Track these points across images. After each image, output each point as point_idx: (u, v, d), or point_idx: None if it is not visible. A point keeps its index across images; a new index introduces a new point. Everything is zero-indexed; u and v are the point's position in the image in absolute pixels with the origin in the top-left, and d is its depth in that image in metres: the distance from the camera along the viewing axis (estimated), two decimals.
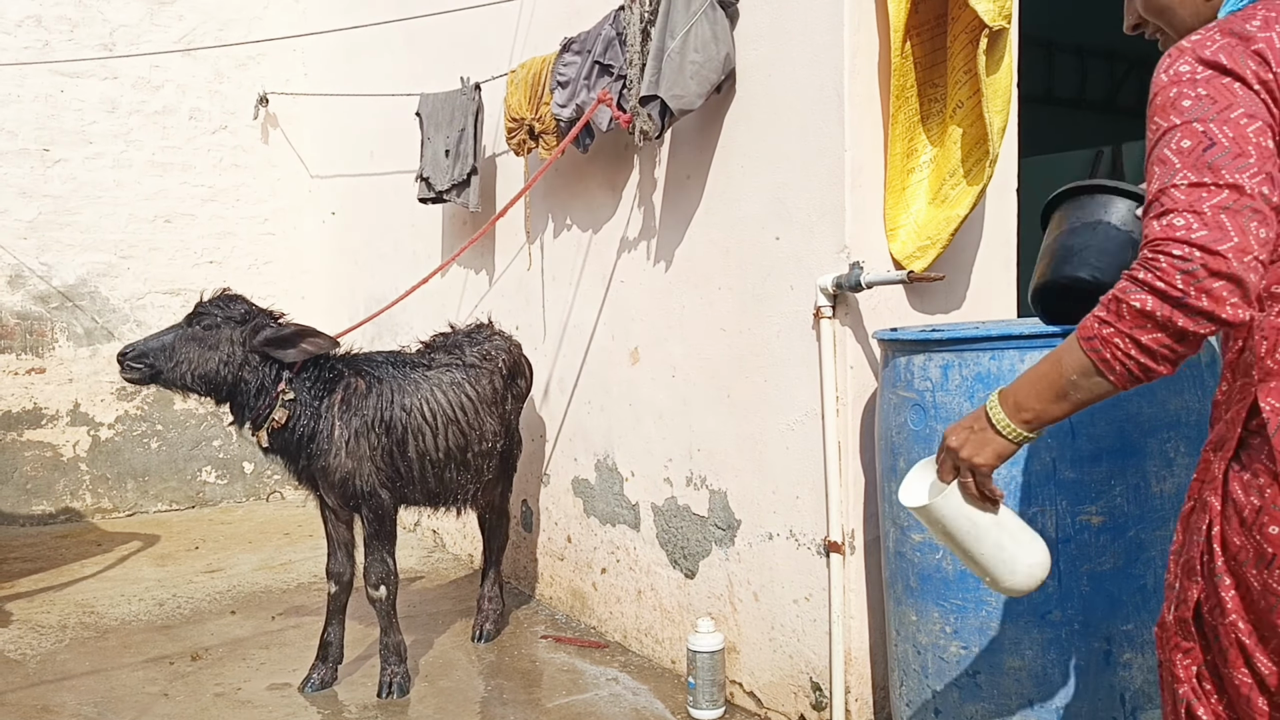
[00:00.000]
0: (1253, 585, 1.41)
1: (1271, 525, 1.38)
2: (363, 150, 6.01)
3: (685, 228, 3.42)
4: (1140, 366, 1.40)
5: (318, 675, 3.50)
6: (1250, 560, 1.40)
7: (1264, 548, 1.39)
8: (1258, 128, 1.35)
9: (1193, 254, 1.32)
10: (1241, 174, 1.33)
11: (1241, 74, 1.38)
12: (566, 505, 4.23)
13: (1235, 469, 1.44)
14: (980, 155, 2.72)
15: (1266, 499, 1.38)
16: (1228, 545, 1.43)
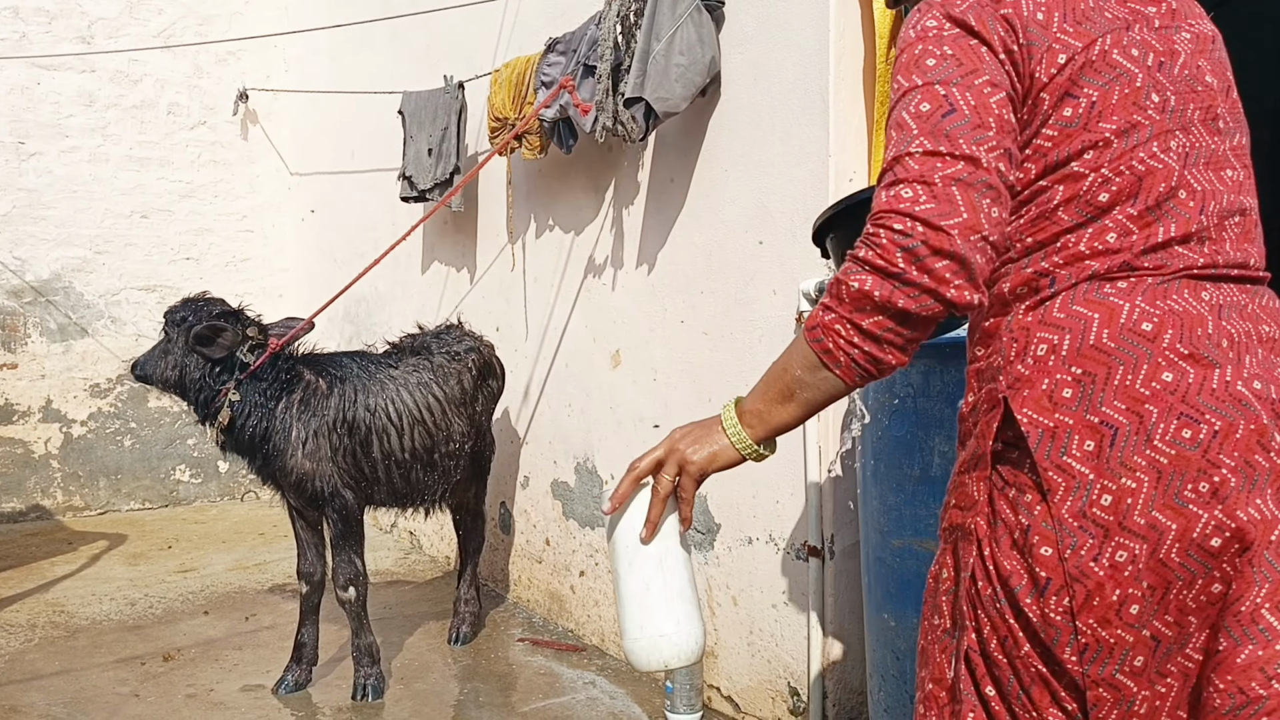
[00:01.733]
0: (1031, 617, 1.24)
1: (1043, 546, 1.22)
2: (344, 148, 5.97)
3: (668, 231, 3.41)
4: (865, 356, 1.24)
5: (291, 677, 3.47)
6: (1024, 588, 1.24)
7: (1037, 572, 1.23)
8: (1001, 99, 1.23)
9: (915, 228, 1.18)
10: (979, 146, 1.20)
11: (989, 38, 1.25)
12: (545, 508, 4.21)
13: (998, 486, 1.28)
14: None
15: (1035, 517, 1.23)
16: (1000, 571, 1.26)
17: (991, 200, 1.19)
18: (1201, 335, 1.22)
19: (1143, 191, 1.25)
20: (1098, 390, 1.22)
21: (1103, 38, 1.27)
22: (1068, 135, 1.26)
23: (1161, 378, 1.20)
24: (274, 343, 3.34)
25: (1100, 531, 1.19)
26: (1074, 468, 1.21)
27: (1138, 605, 1.18)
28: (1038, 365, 1.25)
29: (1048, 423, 1.23)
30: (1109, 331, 1.23)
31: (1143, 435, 1.19)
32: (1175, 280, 1.25)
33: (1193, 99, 1.30)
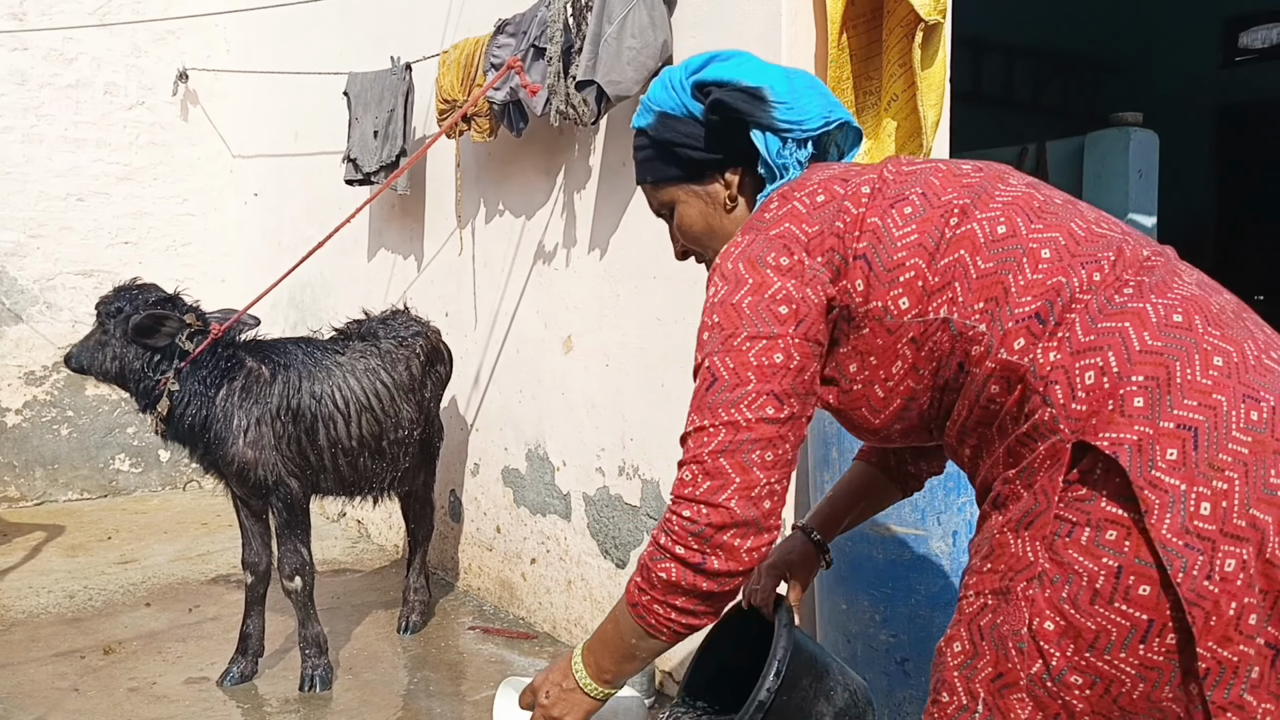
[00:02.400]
0: (1120, 674, 1.15)
1: (1141, 585, 1.13)
2: (287, 130, 5.85)
3: (621, 215, 3.39)
4: (685, 625, 1.38)
5: (237, 668, 3.40)
6: (1116, 642, 1.15)
7: (1138, 617, 1.13)
8: (762, 347, 1.32)
9: (699, 513, 1.31)
10: (736, 407, 1.31)
11: (760, 276, 1.35)
12: (496, 495, 4.18)
13: (1063, 538, 1.18)
14: (914, 149, 2.74)
15: (1126, 555, 1.14)
16: (1066, 636, 1.17)
17: (763, 449, 1.31)
18: (1217, 313, 1.21)
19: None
20: (1164, 393, 1.15)
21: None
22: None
23: (1214, 363, 1.16)
24: (215, 329, 3.26)
25: (1207, 545, 1.11)
26: (1165, 481, 1.13)
27: (1255, 615, 1.11)
28: (1094, 391, 1.19)
29: (1131, 437, 1.15)
30: (1149, 333, 1.19)
31: (1221, 429, 1.13)
32: (1161, 277, 1.25)
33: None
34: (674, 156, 1.55)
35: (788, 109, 1.48)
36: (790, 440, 1.34)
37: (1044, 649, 1.18)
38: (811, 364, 1.35)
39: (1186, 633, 1.12)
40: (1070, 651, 1.17)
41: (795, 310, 1.34)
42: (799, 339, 1.34)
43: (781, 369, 1.32)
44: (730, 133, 1.50)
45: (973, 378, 1.30)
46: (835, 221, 1.37)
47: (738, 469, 1.31)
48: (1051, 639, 1.18)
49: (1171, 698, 1.15)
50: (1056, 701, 1.19)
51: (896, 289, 1.32)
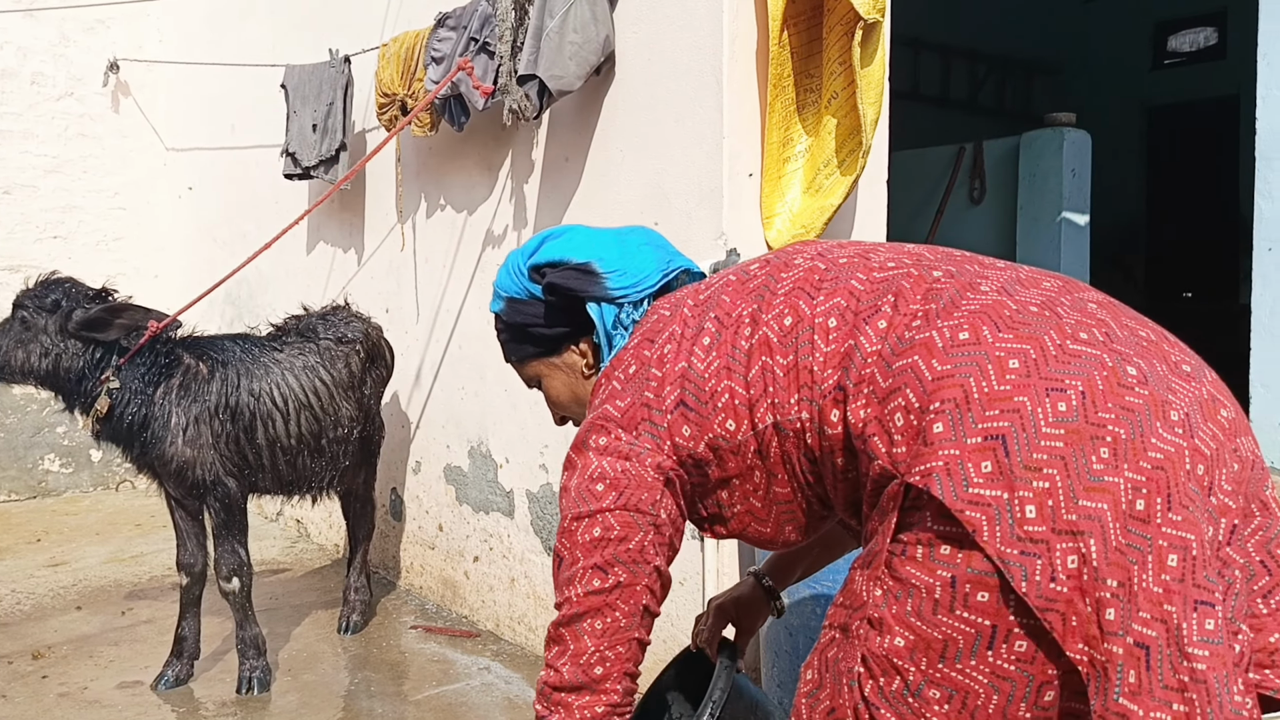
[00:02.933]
0: (972, 683, 1.15)
1: (979, 592, 1.13)
2: (223, 122, 5.73)
3: (563, 210, 3.38)
4: None
5: (172, 672, 3.34)
6: (965, 650, 1.15)
7: (980, 623, 1.13)
8: (584, 526, 1.42)
9: (546, 674, 1.47)
10: (571, 585, 1.43)
11: (584, 459, 1.45)
12: (438, 493, 4.14)
13: (899, 557, 1.20)
14: (854, 146, 2.76)
15: (959, 565, 1.14)
16: (918, 650, 1.18)
17: (591, 619, 1.43)
18: (1011, 316, 1.21)
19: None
20: (964, 412, 1.16)
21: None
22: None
23: (1010, 367, 1.16)
24: (153, 325, 3.19)
25: (1042, 548, 1.10)
26: (985, 495, 1.12)
27: (1113, 609, 1.08)
28: (906, 431, 1.21)
29: (939, 464, 1.16)
30: (936, 359, 1.20)
31: (1030, 429, 1.13)
32: (950, 298, 1.26)
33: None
34: (527, 336, 1.68)
35: (620, 275, 1.59)
36: (621, 609, 1.42)
37: (899, 665, 1.19)
38: (635, 533, 1.41)
39: (1037, 641, 1.11)
40: (924, 664, 1.17)
41: (611, 483, 1.42)
42: (618, 510, 1.41)
43: (601, 541, 1.41)
44: (570, 309, 1.61)
45: (821, 462, 1.35)
46: (644, 391, 1.44)
47: (572, 638, 1.43)
48: (904, 654, 1.18)
49: (1029, 717, 1.14)
50: (918, 717, 1.18)
51: (720, 415, 1.38)
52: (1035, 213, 6.23)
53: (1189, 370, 1.21)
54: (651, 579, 1.44)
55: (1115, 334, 1.21)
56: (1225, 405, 1.20)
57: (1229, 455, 1.15)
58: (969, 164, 6.54)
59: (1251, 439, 1.21)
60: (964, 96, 8.56)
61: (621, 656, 1.44)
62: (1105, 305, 1.28)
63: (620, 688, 1.45)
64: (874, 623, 1.21)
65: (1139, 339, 1.23)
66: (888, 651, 1.19)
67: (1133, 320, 1.27)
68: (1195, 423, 1.14)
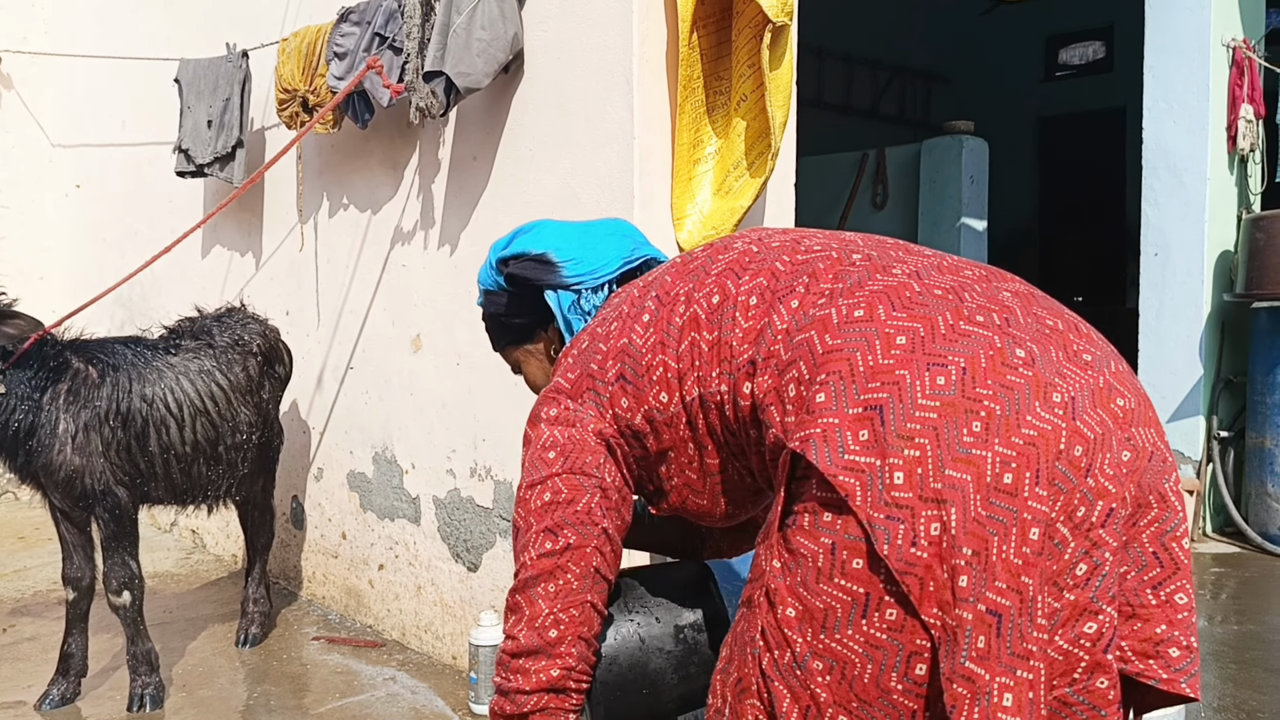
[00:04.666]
0: (850, 653, 1.16)
1: (854, 559, 1.16)
2: (113, 118, 5.51)
3: (472, 211, 3.32)
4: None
5: (57, 690, 3.17)
6: (842, 619, 1.16)
7: (855, 590, 1.15)
8: (536, 492, 1.50)
9: (504, 645, 1.52)
10: (525, 550, 1.50)
11: (536, 431, 1.54)
12: (341, 500, 4.04)
13: (790, 528, 1.23)
14: (763, 149, 2.78)
15: (838, 532, 1.17)
16: (805, 620, 1.19)
17: (545, 582, 1.48)
18: (911, 297, 1.26)
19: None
20: (848, 383, 1.20)
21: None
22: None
23: (897, 343, 1.21)
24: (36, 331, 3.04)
25: (906, 513, 1.13)
26: (859, 462, 1.16)
27: (966, 576, 1.11)
28: (797, 401, 1.26)
29: (816, 430, 1.20)
30: (829, 334, 1.26)
31: (907, 400, 1.16)
32: (858, 279, 1.31)
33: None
34: (501, 325, 1.84)
35: (576, 264, 1.72)
36: (572, 570, 1.47)
37: (789, 636, 1.21)
38: (581, 495, 1.48)
39: (905, 608, 1.13)
40: (809, 635, 1.19)
41: (561, 450, 1.50)
42: (565, 474, 1.49)
43: (551, 505, 1.48)
44: (533, 298, 1.75)
45: (739, 434, 1.41)
46: (590, 364, 1.52)
47: (527, 603, 1.48)
48: (794, 625, 1.21)
49: (901, 690, 1.15)
50: (806, 692, 1.20)
51: (654, 388, 1.45)
52: (936, 217, 6.39)
53: (1089, 360, 1.23)
54: (600, 540, 1.49)
55: (1017, 320, 1.24)
56: (1124, 395, 1.22)
57: (1117, 442, 1.17)
58: (872, 169, 6.68)
59: (1154, 431, 1.23)
60: (866, 104, 8.74)
61: (575, 620, 1.48)
62: (1021, 295, 1.31)
63: (575, 651, 1.49)
64: (770, 594, 1.24)
65: (1043, 326, 1.25)
66: (779, 623, 1.22)
67: (1045, 310, 1.29)
68: (1081, 407, 1.17)
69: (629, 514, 1.55)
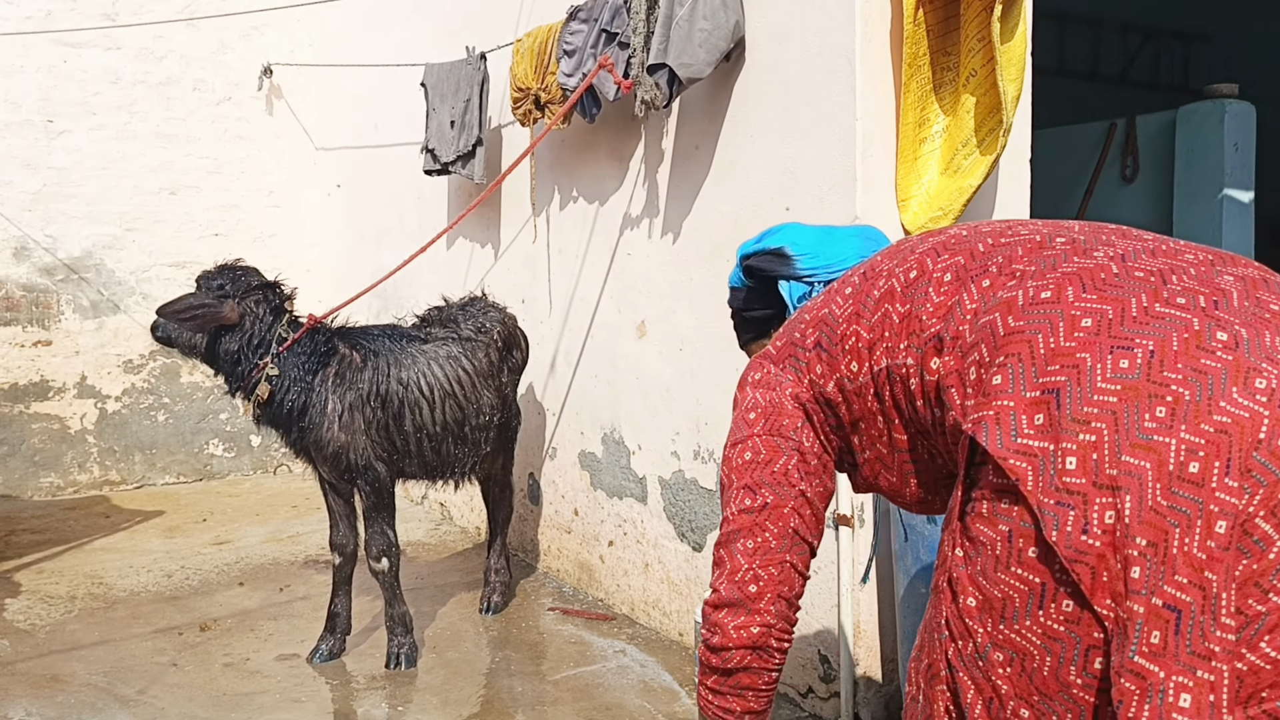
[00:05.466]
0: (1029, 645, 1.13)
1: (1029, 548, 1.13)
2: (367, 122, 5.97)
3: (693, 199, 3.39)
4: (720, 708, 1.55)
5: (325, 646, 3.51)
6: (1020, 610, 1.14)
7: (1031, 580, 1.13)
8: (738, 450, 1.55)
9: (707, 597, 1.55)
10: (728, 506, 1.54)
11: (742, 394, 1.59)
12: (573, 478, 4.22)
13: (970, 516, 1.22)
14: (993, 124, 2.68)
15: (1014, 519, 1.15)
16: (985, 610, 1.18)
17: (744, 538, 1.51)
18: (1107, 279, 1.21)
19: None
20: (1027, 366, 1.18)
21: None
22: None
23: (1081, 325, 1.17)
24: (311, 317, 3.36)
25: (1078, 500, 1.09)
26: (1033, 446, 1.13)
27: (1139, 568, 1.06)
28: (977, 384, 1.25)
29: (989, 413, 1.18)
30: (1013, 316, 1.23)
31: (1085, 384, 1.12)
32: (1053, 260, 1.27)
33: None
34: (743, 320, 1.91)
35: (810, 258, 1.77)
36: (770, 529, 1.50)
37: (970, 627, 1.20)
38: (779, 456, 1.52)
39: (1077, 599, 1.10)
40: (989, 626, 1.17)
41: (762, 412, 1.54)
42: (764, 435, 1.53)
43: (750, 464, 1.52)
44: (769, 291, 1.82)
45: (923, 410, 1.39)
46: (794, 332, 1.57)
47: (729, 557, 1.52)
48: (975, 615, 1.19)
49: (1081, 685, 1.11)
50: (988, 683, 1.18)
51: (846, 357, 1.46)
52: (1193, 190, 5.89)
53: None
54: (798, 502, 1.51)
55: (1229, 303, 1.16)
56: None
57: None
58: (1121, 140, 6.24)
59: None
60: (1115, 70, 8.16)
61: (774, 578, 1.50)
62: (1248, 280, 1.21)
63: (774, 609, 1.50)
64: (952, 582, 1.23)
65: (1265, 311, 1.16)
66: (962, 612, 1.21)
67: (1276, 295, 1.19)
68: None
69: (832, 482, 1.57)
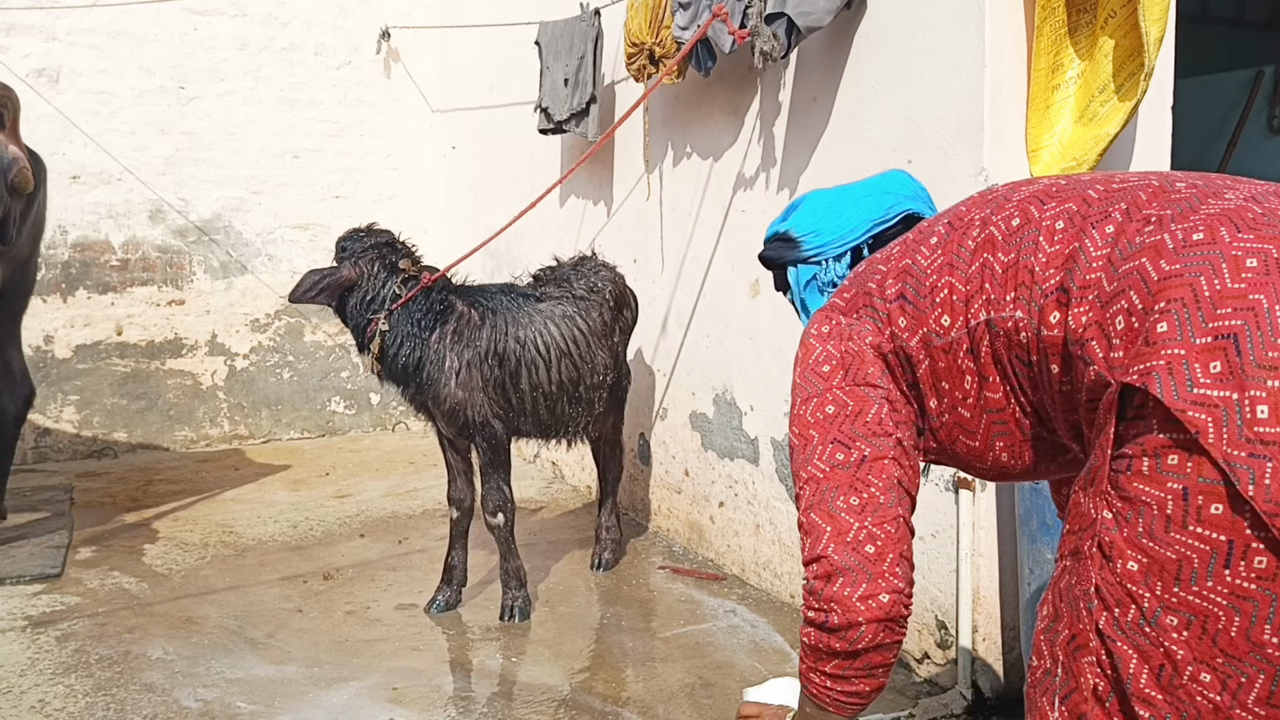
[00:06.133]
0: (1212, 606, 1.06)
1: (1212, 504, 1.05)
2: (482, 83, 6.01)
3: (810, 153, 3.30)
4: (844, 693, 1.40)
5: (442, 597, 3.59)
6: (1200, 571, 1.06)
7: (1215, 539, 1.05)
8: (814, 405, 1.42)
9: (809, 571, 1.37)
10: (810, 463, 1.39)
11: (806, 349, 1.48)
12: (684, 439, 4.21)
13: (1125, 474, 1.13)
14: (1134, 69, 2.52)
15: (1189, 475, 1.06)
16: (1152, 573, 1.10)
17: (845, 494, 1.37)
18: (1255, 219, 1.12)
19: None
20: (1193, 311, 1.09)
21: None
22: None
23: (1247, 265, 1.08)
24: (426, 277, 3.41)
25: (1275, 449, 1.02)
26: (1212, 396, 1.05)
27: None
28: (1126, 334, 1.15)
29: (1160, 363, 1.09)
30: (1165, 259, 1.14)
31: (1265, 327, 1.04)
32: (1189, 204, 1.18)
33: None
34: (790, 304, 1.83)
35: (814, 236, 1.69)
36: (875, 484, 1.37)
37: (1133, 592, 1.11)
38: (870, 405, 1.39)
39: (1275, 554, 1.02)
40: (1159, 589, 1.09)
41: (839, 363, 1.43)
42: (847, 386, 1.41)
43: (835, 417, 1.40)
44: (784, 277, 1.77)
45: (1036, 366, 1.29)
46: (867, 283, 1.46)
47: (826, 518, 1.37)
48: (1139, 579, 1.11)
49: (1277, 643, 1.04)
50: (1158, 650, 1.10)
51: (936, 310, 1.36)
52: None
53: None
54: (897, 451, 1.39)
55: None
56: None
57: None
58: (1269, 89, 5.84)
59: None
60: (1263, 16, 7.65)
61: (892, 536, 1.36)
62: None
63: (900, 571, 1.36)
64: (1104, 547, 1.14)
65: None
66: (1121, 577, 1.12)
67: None
68: None
69: (917, 438, 1.44)
